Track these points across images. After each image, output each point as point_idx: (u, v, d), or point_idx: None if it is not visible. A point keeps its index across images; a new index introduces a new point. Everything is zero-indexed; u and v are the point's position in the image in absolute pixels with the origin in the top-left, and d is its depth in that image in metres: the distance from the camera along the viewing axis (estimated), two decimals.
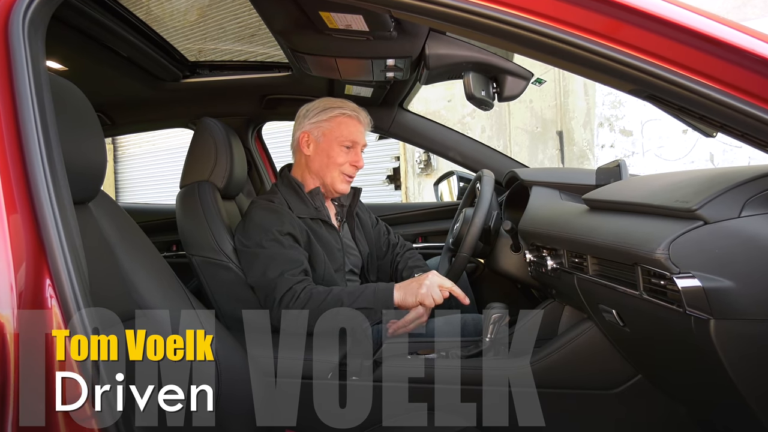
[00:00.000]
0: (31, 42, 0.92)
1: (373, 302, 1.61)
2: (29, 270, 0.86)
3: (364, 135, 1.89)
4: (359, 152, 1.87)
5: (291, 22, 1.56)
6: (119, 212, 1.35)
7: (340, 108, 1.86)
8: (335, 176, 1.85)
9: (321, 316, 1.61)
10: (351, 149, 1.85)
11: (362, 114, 1.89)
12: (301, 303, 1.60)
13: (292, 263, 1.66)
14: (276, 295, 1.62)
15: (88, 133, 1.16)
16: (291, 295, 1.61)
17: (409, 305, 1.60)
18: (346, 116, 1.85)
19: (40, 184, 0.88)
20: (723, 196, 0.94)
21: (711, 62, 0.87)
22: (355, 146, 1.86)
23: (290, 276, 1.63)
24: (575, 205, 1.54)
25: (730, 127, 0.91)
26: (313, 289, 1.63)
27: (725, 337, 0.92)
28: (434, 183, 2.80)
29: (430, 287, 1.59)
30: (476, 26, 0.95)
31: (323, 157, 1.85)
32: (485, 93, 1.50)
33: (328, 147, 1.84)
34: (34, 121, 0.89)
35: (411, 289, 1.60)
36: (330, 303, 1.61)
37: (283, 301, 1.61)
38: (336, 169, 1.84)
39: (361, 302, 1.61)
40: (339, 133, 1.83)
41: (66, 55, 1.97)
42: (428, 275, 1.63)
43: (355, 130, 1.85)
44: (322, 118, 1.86)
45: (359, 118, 1.87)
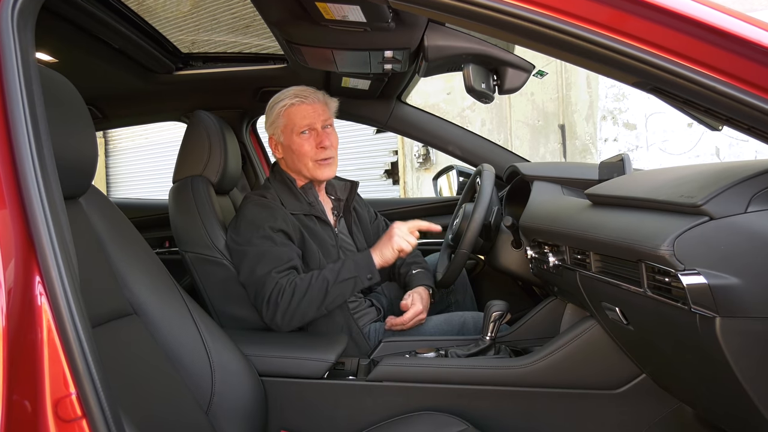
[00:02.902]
0: (20, 33, 0.91)
1: (356, 270, 1.65)
2: (18, 266, 0.85)
3: (321, 112, 1.83)
4: (321, 132, 1.82)
5: (286, 12, 1.54)
6: (110, 208, 1.34)
7: (282, 101, 1.83)
8: (310, 166, 1.82)
9: (312, 300, 1.61)
10: (311, 133, 1.81)
11: (308, 93, 1.83)
12: (288, 295, 1.60)
13: (281, 261, 1.65)
14: (264, 293, 1.61)
15: (78, 127, 1.16)
16: (278, 292, 1.60)
17: (390, 259, 1.69)
18: (290, 106, 1.81)
19: (30, 179, 0.86)
20: (729, 191, 0.92)
21: (717, 54, 0.86)
22: (314, 128, 1.81)
23: (276, 274, 1.62)
24: (578, 201, 1.53)
25: (737, 120, 0.90)
26: (296, 278, 1.63)
27: (731, 335, 0.91)
28: (433, 178, 2.79)
29: (401, 234, 1.68)
30: (476, 17, 0.93)
31: (290, 153, 1.83)
32: (485, 85, 1.48)
33: (290, 142, 1.82)
34: (24, 114, 0.88)
35: (385, 245, 1.69)
36: (316, 285, 1.62)
37: (272, 299, 1.61)
38: (306, 159, 1.81)
39: (345, 274, 1.65)
40: (292, 125, 1.81)
41: (56, 46, 1.94)
42: (392, 225, 1.71)
43: (304, 114, 1.81)
44: (273, 118, 1.85)
45: (305, 101, 1.81)
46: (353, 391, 1.54)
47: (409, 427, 1.44)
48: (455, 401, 1.51)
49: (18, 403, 0.83)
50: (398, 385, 1.53)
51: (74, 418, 0.84)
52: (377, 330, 1.83)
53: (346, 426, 1.52)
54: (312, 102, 1.82)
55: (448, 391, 1.52)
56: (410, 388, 1.53)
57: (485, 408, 1.50)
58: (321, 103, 1.84)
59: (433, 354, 1.59)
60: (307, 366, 1.53)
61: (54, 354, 0.84)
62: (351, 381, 1.55)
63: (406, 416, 1.49)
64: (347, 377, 1.57)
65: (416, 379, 1.53)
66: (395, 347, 1.69)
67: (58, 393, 0.84)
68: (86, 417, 0.84)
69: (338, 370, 1.59)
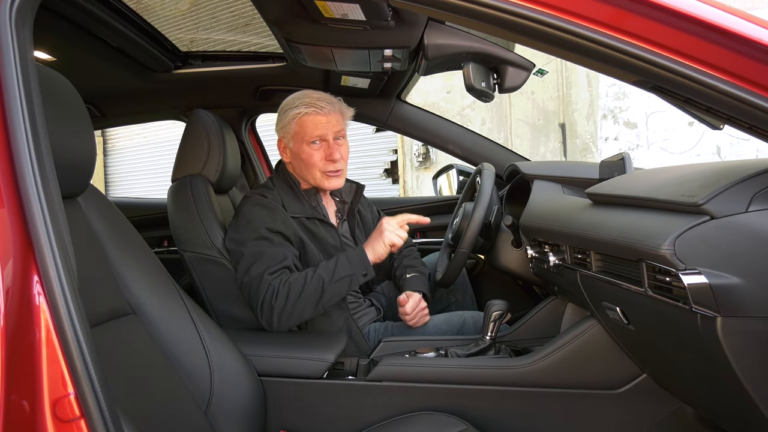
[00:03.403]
0: (18, 32, 0.90)
1: (351, 268, 1.64)
2: (16, 266, 0.84)
3: (335, 123, 1.78)
4: (332, 144, 1.77)
5: (286, 11, 1.54)
6: (109, 207, 1.34)
7: (296, 108, 1.78)
8: (317, 177, 1.80)
9: (307, 301, 1.59)
10: (321, 144, 1.78)
11: (324, 103, 1.77)
12: (283, 297, 1.58)
13: (275, 261, 1.63)
14: (259, 295, 1.60)
15: (77, 126, 1.15)
16: (272, 294, 1.59)
17: (382, 254, 1.67)
18: (304, 115, 1.76)
19: (28, 178, 0.86)
20: (730, 191, 0.92)
21: (718, 52, 0.86)
22: (325, 140, 1.78)
23: (269, 276, 1.61)
24: (578, 200, 1.52)
25: (738, 119, 0.90)
26: (290, 277, 1.61)
27: (732, 335, 0.91)
28: (433, 177, 2.78)
29: (391, 229, 1.66)
30: (476, 15, 0.93)
31: (299, 161, 1.80)
32: (485, 84, 1.48)
33: (299, 150, 1.78)
34: (22, 113, 0.87)
35: (376, 240, 1.67)
36: (311, 285, 1.60)
37: (266, 302, 1.59)
38: (314, 169, 1.78)
39: (340, 272, 1.63)
40: (303, 134, 1.76)
41: (54, 45, 1.94)
42: (381, 221, 1.69)
43: (317, 125, 1.76)
44: (285, 123, 1.81)
45: (320, 111, 1.76)
46: (353, 391, 1.53)
47: (409, 427, 1.43)
48: (455, 401, 1.50)
49: (16, 404, 0.83)
50: (398, 385, 1.52)
51: (72, 419, 0.84)
52: (377, 330, 1.82)
53: (345, 426, 1.52)
54: (327, 113, 1.77)
55: (448, 391, 1.51)
56: (410, 388, 1.52)
57: (485, 408, 1.50)
58: (336, 114, 1.79)
59: (432, 354, 1.59)
60: (307, 366, 1.53)
61: (52, 354, 0.84)
62: (350, 381, 1.55)
63: (405, 416, 1.49)
64: (347, 377, 1.56)
65: (416, 378, 1.52)
66: (395, 347, 1.68)
67: (56, 393, 0.84)
68: (84, 417, 0.84)
69: (337, 369, 1.59)
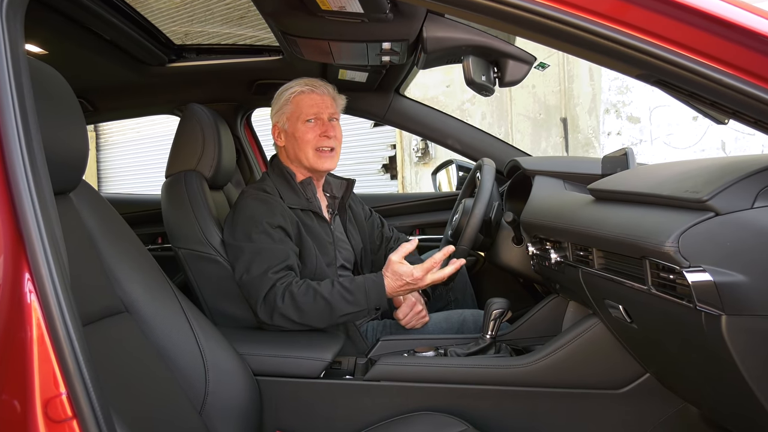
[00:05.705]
0: (9, 24, 0.89)
1: (366, 303, 1.58)
2: (7, 263, 0.84)
3: (329, 105, 1.84)
4: (327, 123, 1.83)
5: (282, 3, 1.53)
6: (102, 203, 1.33)
7: (292, 88, 1.84)
8: (310, 155, 1.81)
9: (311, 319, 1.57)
10: (316, 122, 1.82)
11: (318, 84, 1.85)
12: (287, 306, 1.56)
13: (278, 259, 1.62)
14: (259, 294, 1.59)
15: (69, 120, 1.15)
16: (273, 295, 1.57)
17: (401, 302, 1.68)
18: (300, 93, 1.82)
19: (19, 174, 0.85)
20: (735, 186, 0.92)
21: (722, 45, 0.85)
22: (320, 118, 1.82)
23: (273, 274, 1.59)
24: (580, 196, 1.52)
25: (743, 113, 0.89)
26: (296, 289, 1.57)
27: (737, 333, 0.90)
28: (432, 172, 2.79)
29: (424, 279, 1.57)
30: (476, 8, 0.93)
31: (293, 140, 1.83)
32: (486, 78, 1.47)
33: (294, 130, 1.82)
34: (13, 108, 0.86)
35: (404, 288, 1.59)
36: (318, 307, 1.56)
37: (268, 300, 1.58)
38: (308, 147, 1.80)
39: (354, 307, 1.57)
40: (299, 112, 1.82)
41: (46, 38, 1.93)
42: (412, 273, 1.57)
43: (312, 103, 1.81)
44: (281, 105, 1.85)
45: (315, 90, 1.83)
46: (350, 390, 1.52)
47: (408, 427, 1.42)
48: (455, 401, 1.49)
49: (7, 403, 0.83)
50: (396, 384, 1.51)
51: (64, 419, 0.83)
52: (375, 328, 1.82)
53: (343, 426, 1.51)
54: (321, 93, 1.84)
55: (448, 390, 1.50)
56: (409, 388, 1.51)
57: (485, 408, 1.49)
58: (329, 96, 1.86)
59: (432, 353, 1.58)
60: (303, 365, 1.52)
61: (44, 353, 0.83)
62: (348, 380, 1.54)
63: (404, 416, 1.48)
64: (344, 377, 1.55)
65: (415, 378, 1.51)
66: (393, 346, 1.67)
67: (47, 393, 0.83)
68: (77, 417, 0.83)
69: (335, 369, 1.58)
